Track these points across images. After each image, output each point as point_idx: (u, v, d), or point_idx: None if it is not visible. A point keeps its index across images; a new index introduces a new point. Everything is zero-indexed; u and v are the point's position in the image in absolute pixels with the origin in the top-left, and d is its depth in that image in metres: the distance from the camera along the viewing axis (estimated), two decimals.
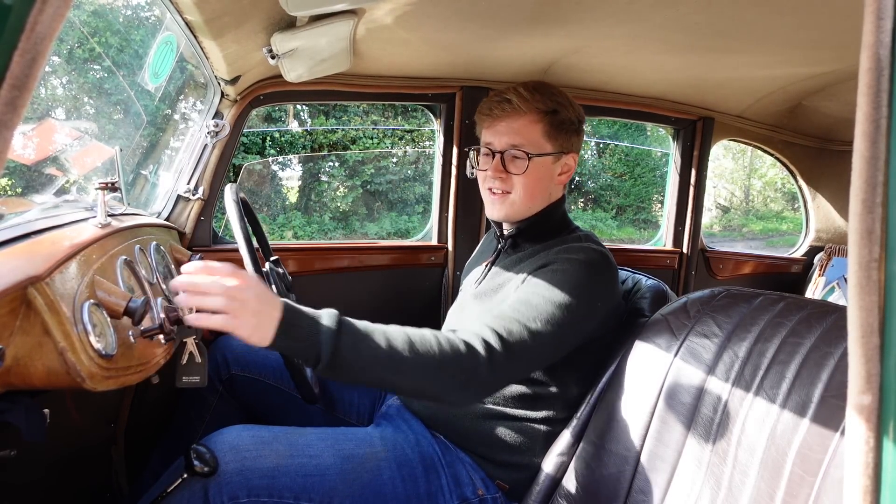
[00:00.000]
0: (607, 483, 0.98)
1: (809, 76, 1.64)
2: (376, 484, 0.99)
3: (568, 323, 0.98)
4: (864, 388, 0.42)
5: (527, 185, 1.14)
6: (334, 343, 0.81)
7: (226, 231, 1.72)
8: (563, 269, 1.03)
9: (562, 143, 1.16)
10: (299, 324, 0.81)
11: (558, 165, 1.17)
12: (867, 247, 0.42)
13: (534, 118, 1.13)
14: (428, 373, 0.87)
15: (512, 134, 1.14)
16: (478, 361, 0.89)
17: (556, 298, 0.98)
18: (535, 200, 1.17)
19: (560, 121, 1.14)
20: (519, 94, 1.12)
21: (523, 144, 1.13)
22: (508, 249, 1.23)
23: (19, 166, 1.21)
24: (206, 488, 0.88)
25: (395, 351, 0.85)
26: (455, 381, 0.88)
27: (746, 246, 9.54)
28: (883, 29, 0.41)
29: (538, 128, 1.13)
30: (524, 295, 1.01)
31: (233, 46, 1.21)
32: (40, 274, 0.67)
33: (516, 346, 0.93)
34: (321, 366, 0.81)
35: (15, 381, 0.65)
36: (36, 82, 0.36)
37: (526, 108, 1.12)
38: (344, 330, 0.83)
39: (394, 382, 0.88)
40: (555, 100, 1.14)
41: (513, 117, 1.13)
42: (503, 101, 1.13)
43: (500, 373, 0.92)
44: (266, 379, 1.31)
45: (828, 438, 0.73)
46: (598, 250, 1.09)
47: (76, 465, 1.09)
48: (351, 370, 0.83)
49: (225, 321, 0.77)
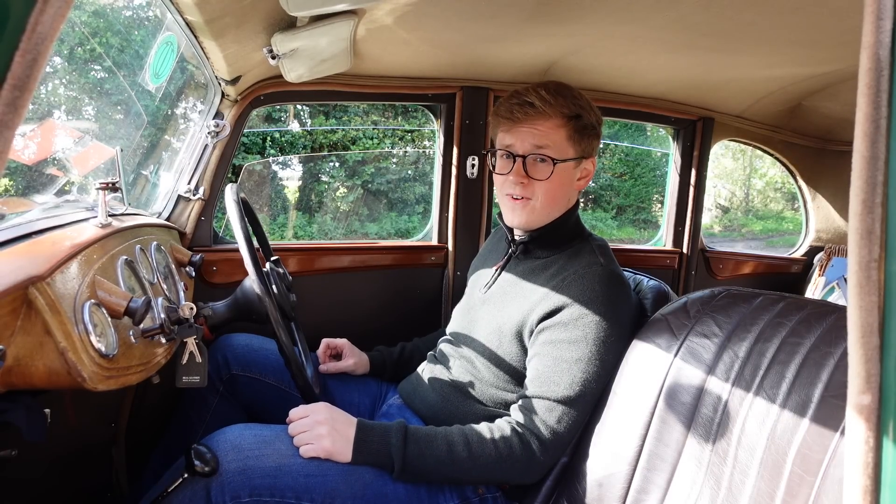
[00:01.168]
0: (607, 483, 0.98)
1: (809, 76, 1.64)
2: (378, 484, 0.99)
3: (603, 371, 1.04)
4: (863, 387, 0.42)
5: (549, 191, 1.12)
6: (402, 455, 0.96)
7: (226, 231, 1.72)
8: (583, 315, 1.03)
9: (584, 147, 1.14)
10: (370, 439, 0.98)
11: (578, 170, 1.16)
12: (867, 247, 0.42)
13: (558, 122, 1.10)
14: (489, 469, 0.99)
15: (537, 137, 1.10)
16: (532, 452, 1.00)
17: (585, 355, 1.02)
18: (556, 207, 1.15)
19: (583, 125, 1.12)
20: (542, 97, 1.09)
21: (548, 148, 1.10)
22: (520, 255, 1.21)
23: (20, 166, 1.21)
24: (207, 488, 0.88)
25: (455, 454, 0.98)
26: (515, 471, 1.00)
27: (746, 246, 9.54)
28: (883, 29, 0.41)
29: (562, 132, 1.11)
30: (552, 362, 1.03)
31: (233, 47, 1.21)
32: (41, 274, 0.67)
33: (564, 425, 1.01)
34: (395, 472, 0.97)
35: (16, 380, 0.65)
36: (37, 83, 0.36)
37: (550, 111, 1.09)
38: (409, 441, 0.98)
39: (461, 479, 1.01)
40: (577, 103, 1.11)
41: (536, 120, 1.10)
42: (525, 103, 1.10)
43: (557, 451, 1.03)
44: (266, 379, 1.31)
45: (828, 438, 0.73)
46: (611, 273, 1.08)
47: (77, 464, 1.09)
48: (421, 473, 0.98)
49: (315, 449, 0.95)
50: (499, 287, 1.21)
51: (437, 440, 0.99)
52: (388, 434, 0.98)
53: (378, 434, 0.98)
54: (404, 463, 0.96)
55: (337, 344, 1.41)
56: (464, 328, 1.24)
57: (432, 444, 0.98)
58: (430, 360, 1.30)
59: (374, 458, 0.97)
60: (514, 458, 0.99)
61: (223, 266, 1.63)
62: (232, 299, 1.19)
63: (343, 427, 0.98)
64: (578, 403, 1.01)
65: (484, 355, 1.16)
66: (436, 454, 0.98)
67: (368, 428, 0.99)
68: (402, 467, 0.96)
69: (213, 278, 1.62)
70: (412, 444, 0.98)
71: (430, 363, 1.29)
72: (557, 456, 1.04)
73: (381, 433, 0.98)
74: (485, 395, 1.14)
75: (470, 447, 0.98)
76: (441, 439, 0.99)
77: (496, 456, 0.98)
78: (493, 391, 1.14)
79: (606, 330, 1.03)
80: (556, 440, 1.00)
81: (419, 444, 0.98)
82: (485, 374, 1.15)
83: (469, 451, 0.98)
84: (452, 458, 0.97)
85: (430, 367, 1.27)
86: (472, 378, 1.16)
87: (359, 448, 0.96)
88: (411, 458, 0.97)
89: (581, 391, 1.01)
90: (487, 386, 1.14)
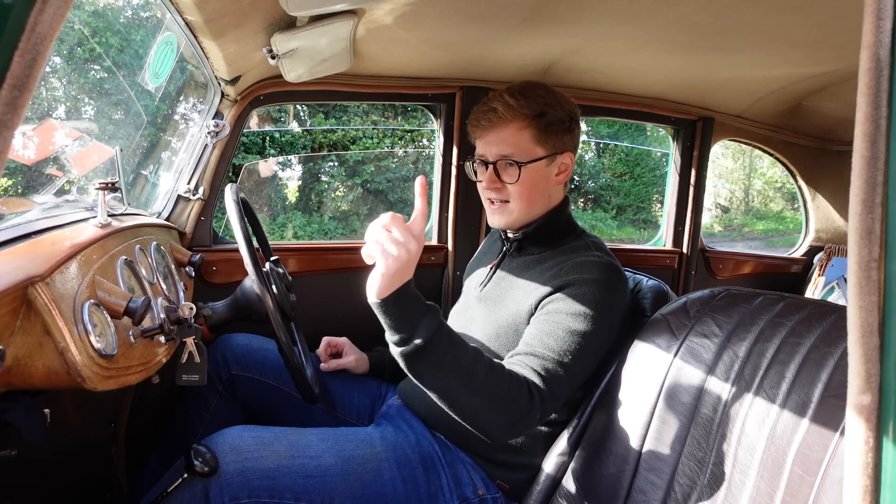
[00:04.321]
0: (607, 483, 0.98)
1: (809, 76, 1.64)
2: (377, 484, 0.99)
3: (595, 350, 1.01)
4: (863, 387, 0.42)
5: (522, 192, 1.13)
6: (431, 334, 0.84)
7: (226, 231, 1.72)
8: (582, 294, 1.02)
9: (553, 144, 1.14)
10: (413, 295, 0.85)
11: (554, 166, 1.16)
12: (867, 247, 0.42)
13: (520, 124, 1.11)
14: (493, 401, 0.88)
15: (500, 144, 1.12)
16: (533, 406, 0.91)
17: (581, 329, 0.99)
18: (535, 206, 1.16)
19: (548, 123, 1.12)
20: (504, 102, 1.11)
21: (513, 154, 1.12)
22: (513, 253, 1.22)
23: (20, 166, 1.21)
24: (206, 488, 0.88)
25: (475, 368, 0.88)
26: (512, 418, 0.90)
27: (746, 246, 9.54)
28: (882, 29, 0.41)
29: (526, 134, 1.11)
30: (548, 327, 1.00)
31: (233, 46, 1.21)
32: (41, 274, 0.67)
33: (556, 388, 0.95)
34: (410, 347, 0.83)
35: (15, 380, 0.65)
36: (36, 83, 0.36)
37: (511, 115, 1.11)
38: (443, 328, 0.86)
39: (458, 397, 0.88)
40: (541, 101, 1.11)
41: (500, 126, 1.12)
42: (489, 110, 1.12)
43: (544, 415, 0.95)
44: (266, 379, 1.31)
45: (828, 438, 0.73)
46: (609, 263, 1.07)
47: (76, 464, 1.09)
48: (429, 366, 0.85)
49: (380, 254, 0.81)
50: (494, 284, 1.21)
51: (467, 346, 0.90)
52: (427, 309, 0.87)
53: (419, 302, 0.86)
54: (427, 343, 0.84)
55: (337, 342, 1.41)
56: (461, 327, 1.24)
57: (462, 345, 0.89)
58: None
59: (399, 316, 0.84)
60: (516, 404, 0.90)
61: (223, 266, 1.62)
62: (232, 299, 1.19)
63: (406, 271, 0.83)
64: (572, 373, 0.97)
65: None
66: (459, 356, 0.87)
67: (416, 293, 0.87)
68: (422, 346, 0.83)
69: (212, 278, 1.62)
70: (445, 332, 0.87)
71: None
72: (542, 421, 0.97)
73: (423, 303, 0.87)
74: None
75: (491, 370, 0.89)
76: (470, 347, 0.90)
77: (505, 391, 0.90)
78: None
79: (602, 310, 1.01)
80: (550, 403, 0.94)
81: (451, 337, 0.88)
82: None
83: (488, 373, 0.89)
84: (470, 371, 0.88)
85: None
86: None
87: (401, 295, 0.83)
88: (437, 342, 0.85)
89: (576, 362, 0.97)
90: None
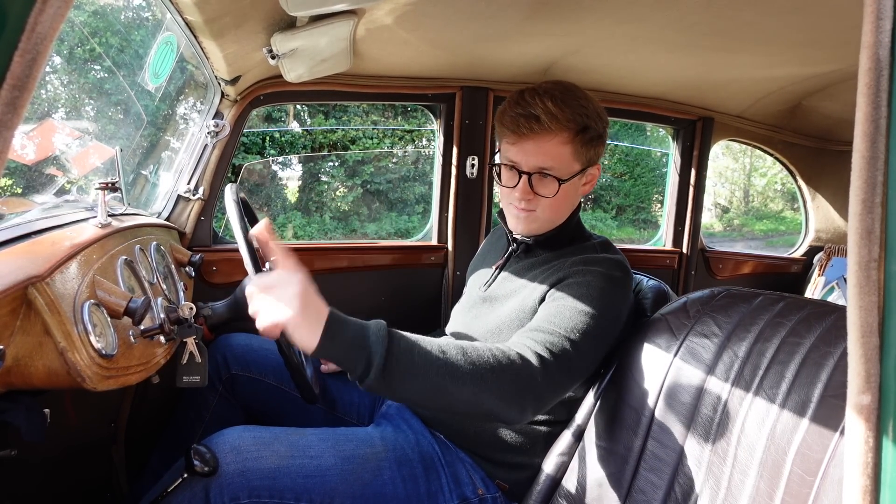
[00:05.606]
0: (607, 483, 0.98)
1: (809, 76, 1.64)
2: (377, 484, 0.99)
3: (601, 335, 0.97)
4: (863, 387, 0.42)
5: (553, 204, 1.10)
6: (386, 346, 0.76)
7: (226, 231, 1.72)
8: (586, 282, 1.00)
9: (589, 157, 1.11)
10: (347, 323, 0.77)
11: (584, 178, 1.14)
12: (867, 247, 0.42)
13: (564, 138, 1.05)
14: (485, 379, 0.81)
15: (541, 155, 1.06)
16: (533, 370, 0.85)
17: (586, 310, 0.96)
18: (561, 216, 1.15)
19: (591, 137, 1.08)
20: (548, 111, 1.02)
21: (553, 168, 1.06)
22: (520, 254, 1.21)
23: (20, 166, 1.21)
24: (206, 489, 0.88)
25: (448, 356, 0.80)
26: (513, 389, 0.83)
27: (746, 246, 9.54)
28: (882, 29, 0.41)
29: (569, 149, 1.06)
30: (554, 309, 0.98)
31: (233, 47, 1.21)
32: (41, 274, 0.67)
33: (563, 357, 0.90)
34: (374, 371, 0.75)
35: (15, 380, 0.65)
36: (36, 83, 0.36)
37: (556, 127, 1.03)
38: (394, 334, 0.79)
39: (451, 392, 0.80)
40: (584, 113, 1.06)
41: (542, 137, 1.04)
42: (530, 117, 1.03)
43: (554, 383, 0.89)
44: (266, 379, 1.31)
45: (827, 438, 0.73)
46: (617, 260, 1.07)
47: (76, 464, 1.09)
48: (404, 377, 0.77)
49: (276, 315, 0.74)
50: (498, 284, 1.20)
51: (425, 340, 0.82)
52: (366, 325, 0.79)
53: (356, 323, 0.79)
54: (387, 355, 0.76)
55: None
56: (463, 327, 1.24)
57: (420, 342, 0.81)
58: None
59: (345, 348, 0.75)
60: (513, 372, 0.84)
61: (223, 266, 1.62)
62: (232, 299, 1.18)
63: (317, 303, 0.76)
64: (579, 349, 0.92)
65: None
66: (425, 352, 0.79)
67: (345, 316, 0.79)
68: (384, 365, 0.75)
69: (212, 278, 1.62)
70: (396, 336, 0.79)
71: None
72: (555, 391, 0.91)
73: (359, 322, 0.79)
74: None
75: (464, 352, 0.82)
76: (429, 341, 0.82)
77: (493, 364, 0.83)
78: None
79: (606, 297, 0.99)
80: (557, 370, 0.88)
81: (405, 339, 0.80)
82: None
83: (464, 354, 0.82)
84: (445, 361, 0.80)
85: None
86: None
87: (330, 329, 0.74)
88: (397, 352, 0.77)
89: (582, 339, 0.93)
90: None
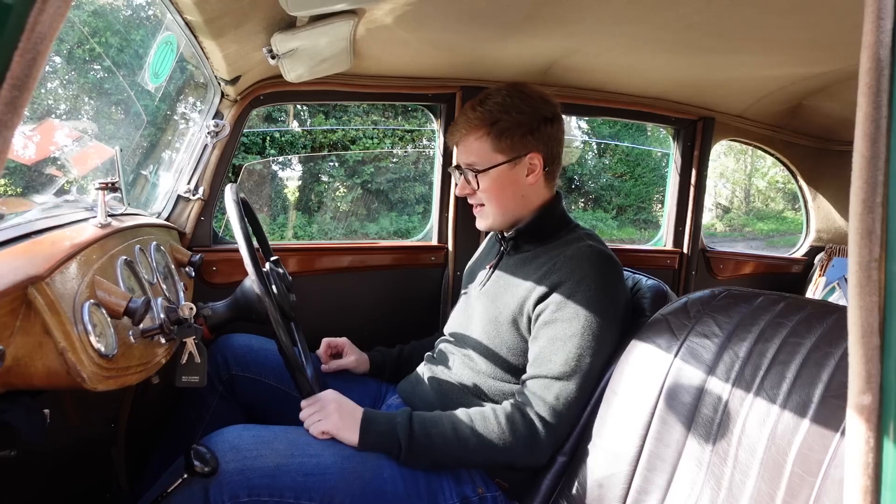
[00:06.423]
0: (607, 483, 0.98)
1: (809, 76, 1.64)
2: (377, 482, 0.99)
3: (600, 350, 1.06)
4: (864, 388, 0.42)
5: (491, 196, 1.20)
6: (409, 434, 1.00)
7: (226, 231, 1.72)
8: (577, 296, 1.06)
9: (514, 147, 1.17)
10: (377, 420, 1.03)
11: (520, 168, 1.18)
12: (867, 247, 0.42)
13: (478, 134, 1.18)
14: (495, 449, 1.02)
15: (464, 153, 1.21)
16: (535, 429, 1.02)
17: (584, 339, 1.04)
18: (509, 207, 1.21)
19: (502, 130, 1.16)
20: (464, 115, 1.19)
21: (475, 162, 1.19)
22: (510, 251, 1.25)
23: (19, 166, 1.21)
24: (206, 488, 0.88)
25: (461, 434, 1.02)
26: (520, 451, 1.02)
27: (747, 246, 9.54)
28: (883, 29, 0.41)
29: (485, 142, 1.17)
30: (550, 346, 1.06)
31: (233, 46, 1.21)
32: (41, 274, 0.67)
33: (566, 401, 1.03)
34: (403, 453, 1.00)
35: (15, 381, 0.65)
36: (36, 82, 0.36)
37: (468, 127, 1.18)
38: (415, 421, 1.03)
39: (468, 460, 1.04)
40: (497, 108, 1.16)
41: (464, 137, 1.20)
42: (456, 123, 1.21)
43: (558, 432, 1.04)
44: (266, 379, 1.31)
45: (828, 438, 0.73)
46: (601, 252, 1.10)
47: (76, 465, 1.09)
48: (428, 453, 1.01)
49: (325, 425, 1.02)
50: (493, 283, 1.23)
51: (443, 420, 1.04)
52: (394, 416, 1.04)
53: (384, 416, 1.04)
54: (410, 442, 1.00)
55: (337, 343, 1.42)
56: (460, 326, 1.26)
57: (438, 423, 1.03)
58: (429, 361, 1.30)
59: (380, 439, 1.01)
60: (518, 436, 1.02)
61: (223, 266, 1.62)
62: (232, 299, 1.19)
63: (351, 408, 1.04)
64: (575, 379, 1.03)
65: (481, 348, 1.17)
66: (441, 433, 1.02)
67: (374, 412, 1.05)
68: (408, 446, 1.00)
69: (212, 278, 1.62)
70: (417, 423, 1.02)
71: (428, 363, 1.29)
72: (560, 434, 1.05)
73: (387, 416, 1.04)
74: (484, 388, 1.15)
75: (474, 426, 1.02)
76: (446, 419, 1.04)
77: (500, 434, 1.02)
78: (492, 383, 1.14)
79: (600, 306, 1.05)
80: (557, 417, 1.03)
81: (424, 423, 1.02)
82: (483, 367, 1.16)
83: (473, 429, 1.02)
84: (458, 437, 1.01)
85: (429, 367, 1.27)
86: (470, 372, 1.17)
87: (365, 429, 1.01)
88: (417, 437, 1.00)
89: (576, 366, 1.03)
90: (486, 378, 1.15)
